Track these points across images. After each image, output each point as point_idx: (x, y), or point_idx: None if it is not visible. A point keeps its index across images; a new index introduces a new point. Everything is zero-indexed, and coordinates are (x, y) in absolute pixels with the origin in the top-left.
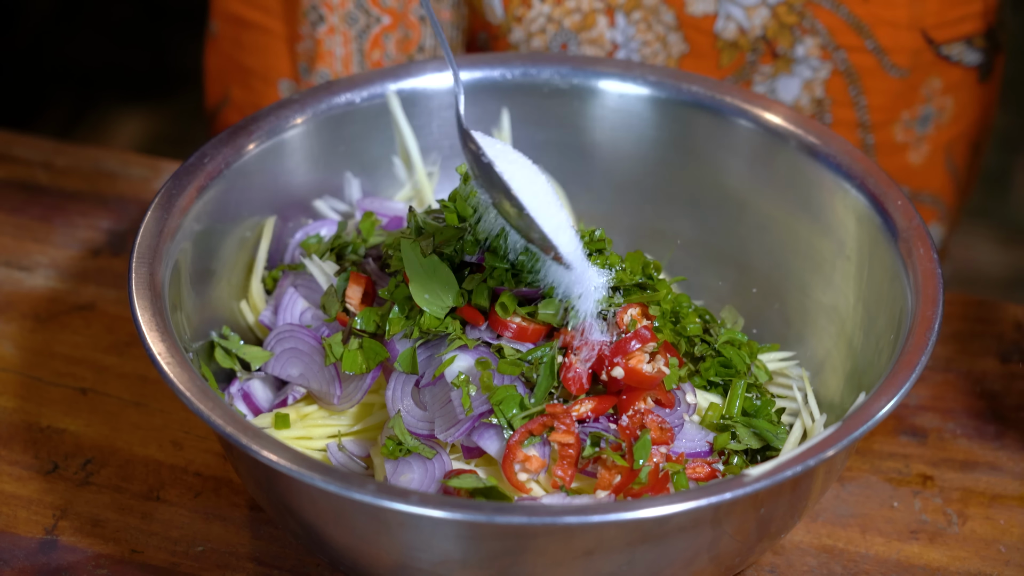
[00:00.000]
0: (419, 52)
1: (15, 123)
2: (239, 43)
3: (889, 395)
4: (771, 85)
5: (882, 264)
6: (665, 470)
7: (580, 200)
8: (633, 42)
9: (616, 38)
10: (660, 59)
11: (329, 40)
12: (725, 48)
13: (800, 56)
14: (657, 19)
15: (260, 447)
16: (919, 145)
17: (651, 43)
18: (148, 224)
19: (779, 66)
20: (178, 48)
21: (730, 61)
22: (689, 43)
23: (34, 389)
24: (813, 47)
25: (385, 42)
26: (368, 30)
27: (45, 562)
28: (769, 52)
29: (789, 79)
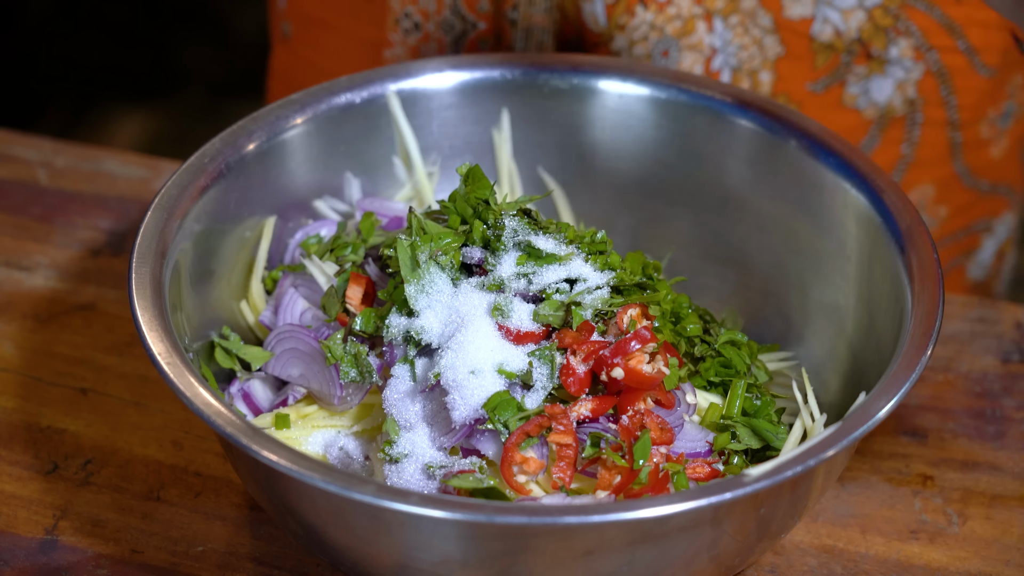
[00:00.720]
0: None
1: (15, 123)
2: (317, 44)
3: (889, 395)
4: (864, 86)
5: (882, 264)
6: (665, 470)
7: (580, 200)
8: (731, 46)
9: (715, 43)
10: (756, 62)
11: (424, 47)
12: (820, 50)
13: (894, 57)
14: (754, 23)
15: (260, 447)
16: (1000, 139)
17: (747, 46)
18: (148, 224)
19: (872, 67)
20: (178, 48)
21: (825, 62)
22: (785, 45)
23: (34, 389)
24: (907, 48)
25: (480, 47)
26: (464, 36)
27: (45, 562)
28: (863, 53)
29: (882, 80)
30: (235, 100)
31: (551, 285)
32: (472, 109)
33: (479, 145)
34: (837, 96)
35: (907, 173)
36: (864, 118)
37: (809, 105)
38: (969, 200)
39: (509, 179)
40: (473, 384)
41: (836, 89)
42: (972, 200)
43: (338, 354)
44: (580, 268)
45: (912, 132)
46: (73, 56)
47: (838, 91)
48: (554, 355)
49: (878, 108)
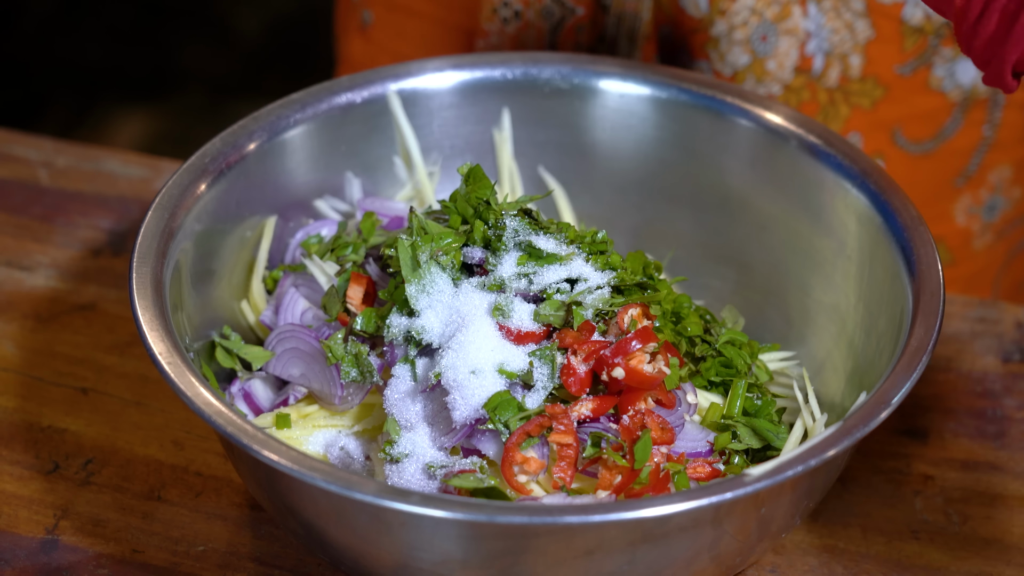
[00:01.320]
0: (600, 43)
1: (16, 122)
2: (401, 32)
3: (890, 395)
4: (950, 68)
5: (883, 264)
6: (666, 470)
7: (581, 200)
8: (823, 30)
9: (809, 27)
10: (847, 45)
11: (524, 36)
12: (909, 33)
13: None
14: (847, 7)
15: (261, 447)
16: None
17: (839, 30)
18: (149, 224)
19: (959, 50)
20: (179, 48)
21: (913, 45)
22: (875, 29)
23: (35, 389)
24: None
25: (577, 34)
26: (563, 23)
27: (46, 562)
28: (951, 36)
29: (967, 62)
30: (236, 100)
31: (552, 285)
32: (473, 109)
33: (480, 145)
34: (924, 78)
35: (987, 154)
36: (949, 100)
37: (896, 88)
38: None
39: (510, 179)
40: (474, 384)
41: (923, 71)
42: None
43: (339, 354)
44: (581, 268)
45: (994, 114)
46: (74, 56)
47: (924, 73)
48: (555, 355)
49: (963, 90)
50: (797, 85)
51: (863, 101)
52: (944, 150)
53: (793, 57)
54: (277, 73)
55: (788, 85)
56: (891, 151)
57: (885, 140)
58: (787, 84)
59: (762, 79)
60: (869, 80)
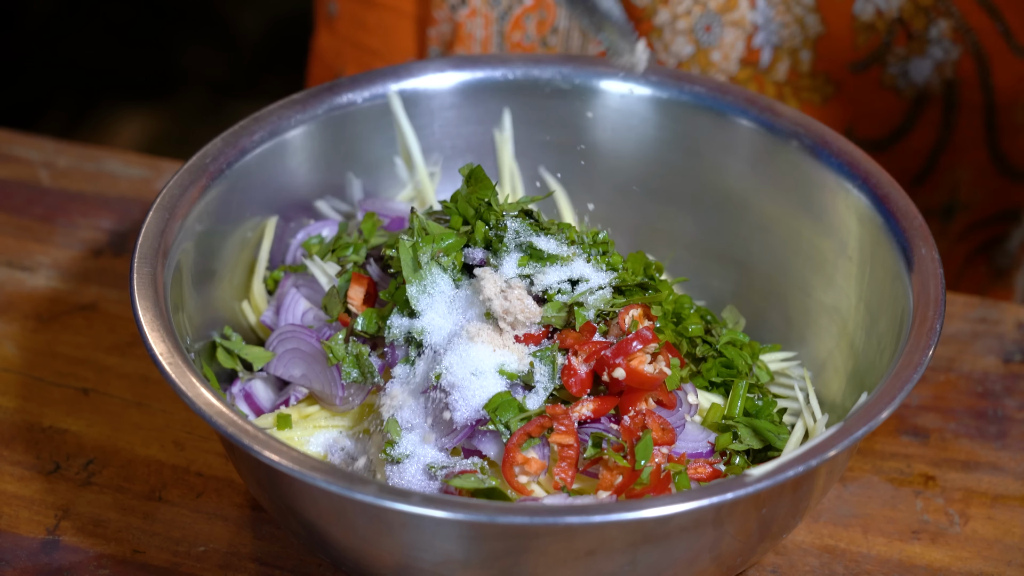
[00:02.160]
0: (552, 34)
1: (17, 123)
2: (362, 23)
3: (891, 395)
4: (903, 67)
5: (884, 264)
6: (667, 470)
7: (582, 200)
8: (772, 23)
9: (757, 20)
10: (797, 41)
11: (470, 23)
12: (861, 30)
13: (933, 38)
14: (796, 1)
15: (262, 447)
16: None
17: (789, 24)
18: (150, 224)
19: (912, 48)
20: (180, 48)
21: (865, 42)
22: (826, 25)
23: (36, 389)
24: (946, 29)
25: (526, 23)
26: (510, 11)
27: (47, 562)
28: (904, 34)
29: (921, 61)
30: (237, 100)
31: (553, 286)
32: (474, 109)
33: (481, 145)
34: (876, 77)
35: (943, 156)
36: (903, 99)
37: (848, 85)
38: (1001, 186)
39: (511, 179)
40: (474, 385)
41: (876, 70)
42: (1004, 186)
43: (340, 354)
44: (582, 269)
45: (949, 115)
46: (75, 56)
47: (878, 72)
48: (555, 356)
49: (916, 89)
50: (744, 78)
51: (814, 97)
52: (898, 150)
53: (739, 49)
54: (278, 73)
55: (734, 77)
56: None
57: None
58: (733, 76)
59: (707, 70)
60: (820, 76)
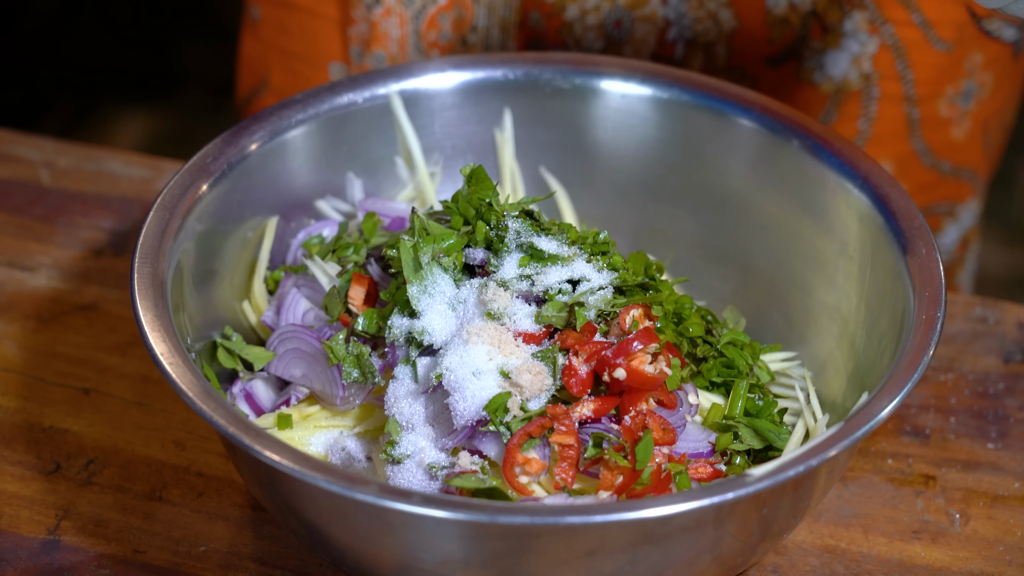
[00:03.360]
0: (472, 32)
1: (17, 123)
2: (284, 27)
3: (891, 395)
4: (819, 60)
5: (884, 264)
6: (667, 470)
7: (582, 201)
8: (685, 19)
9: (668, 15)
10: (711, 35)
11: (385, 22)
12: (775, 24)
13: (849, 30)
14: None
15: (263, 447)
16: (962, 121)
17: (702, 19)
18: (150, 224)
19: (828, 41)
20: (180, 48)
21: (780, 36)
22: (740, 19)
23: (36, 389)
24: (861, 21)
25: (441, 22)
26: (424, 11)
27: (48, 562)
28: (818, 27)
29: (838, 54)
30: None
31: (554, 286)
32: (474, 109)
33: (481, 145)
34: (793, 71)
35: (865, 149)
36: (820, 93)
37: (765, 80)
38: (929, 180)
39: (511, 179)
40: (475, 385)
41: (792, 64)
42: (933, 180)
43: (340, 354)
44: (583, 269)
45: (869, 107)
46: (75, 56)
47: (794, 66)
48: (556, 356)
49: (834, 83)
50: None
51: None
52: None
53: (651, 44)
54: None
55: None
56: None
57: None
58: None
59: None
60: (736, 71)
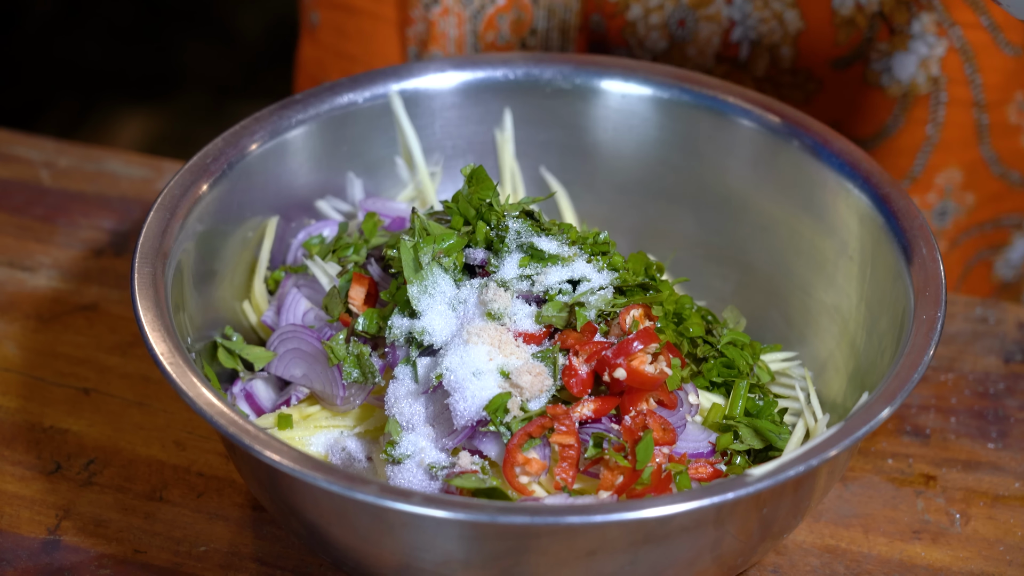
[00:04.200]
0: (531, 35)
1: (18, 123)
2: (343, 31)
3: (892, 395)
4: (887, 63)
5: (885, 264)
6: (668, 470)
7: (583, 200)
8: (750, 19)
9: (733, 15)
10: (776, 37)
11: (443, 21)
12: (842, 25)
13: (916, 32)
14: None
15: (263, 447)
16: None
17: (768, 20)
18: (151, 224)
19: (895, 43)
20: (181, 48)
21: (847, 38)
22: (805, 20)
23: (37, 389)
24: (929, 23)
25: (499, 23)
26: (483, 11)
27: (48, 562)
28: (886, 29)
29: (905, 56)
30: (238, 100)
31: (554, 286)
32: (475, 109)
33: (481, 145)
34: (860, 74)
35: (933, 155)
36: (888, 97)
37: (831, 83)
38: (998, 190)
39: (512, 179)
40: (475, 385)
41: (858, 66)
42: (1001, 190)
43: (341, 354)
44: (583, 269)
45: (937, 112)
46: (75, 57)
47: (860, 68)
48: (556, 356)
49: (901, 86)
50: (721, 73)
51: (796, 94)
52: (885, 149)
53: (715, 44)
54: (278, 73)
55: (711, 73)
56: None
57: None
58: (710, 72)
59: (682, 66)
60: (801, 73)
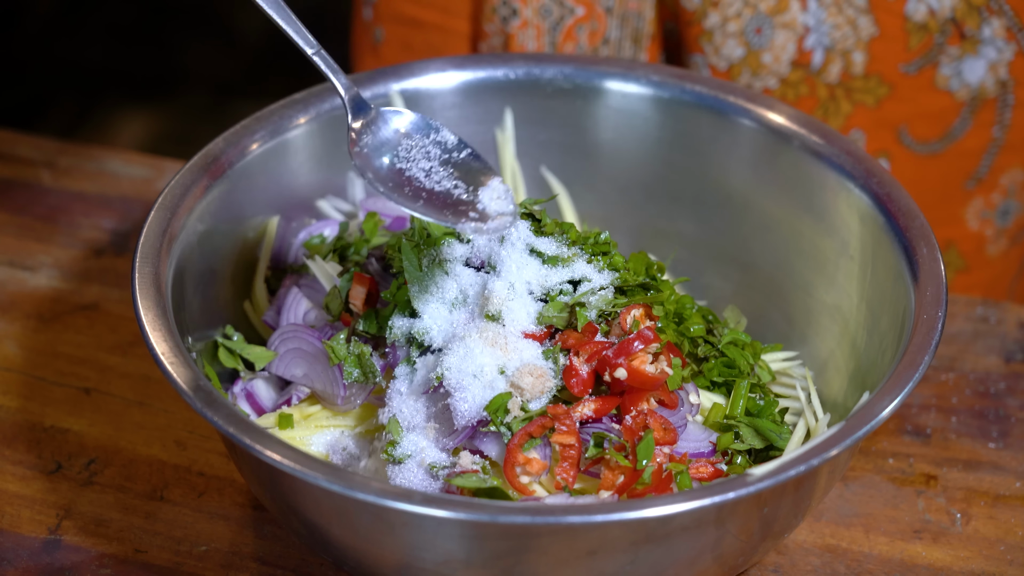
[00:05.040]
0: (604, 45)
1: (19, 123)
2: (410, 47)
3: (892, 395)
4: (957, 67)
5: (885, 264)
6: (668, 470)
7: (584, 200)
8: (824, 25)
9: (808, 22)
10: (850, 42)
11: (522, 35)
12: (914, 30)
13: (987, 37)
14: (848, 3)
15: (264, 447)
16: None
17: (841, 26)
18: (151, 224)
19: (965, 47)
20: (182, 48)
21: (919, 43)
22: (879, 25)
23: (38, 389)
24: (999, 28)
25: (578, 34)
26: (562, 22)
27: (49, 562)
28: (957, 33)
29: (975, 60)
30: (239, 100)
31: (555, 286)
32: (475, 109)
33: (482, 145)
34: (930, 78)
35: (998, 156)
36: (956, 100)
37: (901, 87)
38: None
39: (512, 179)
40: (476, 386)
41: (929, 70)
42: None
43: (341, 354)
44: (584, 269)
45: (1004, 114)
46: (76, 56)
47: (931, 72)
48: (557, 356)
49: (970, 90)
50: (795, 79)
51: (867, 99)
52: (953, 151)
53: (790, 51)
54: (280, 73)
55: (785, 79)
56: (897, 150)
57: (890, 139)
58: (784, 78)
59: (758, 72)
60: (873, 78)
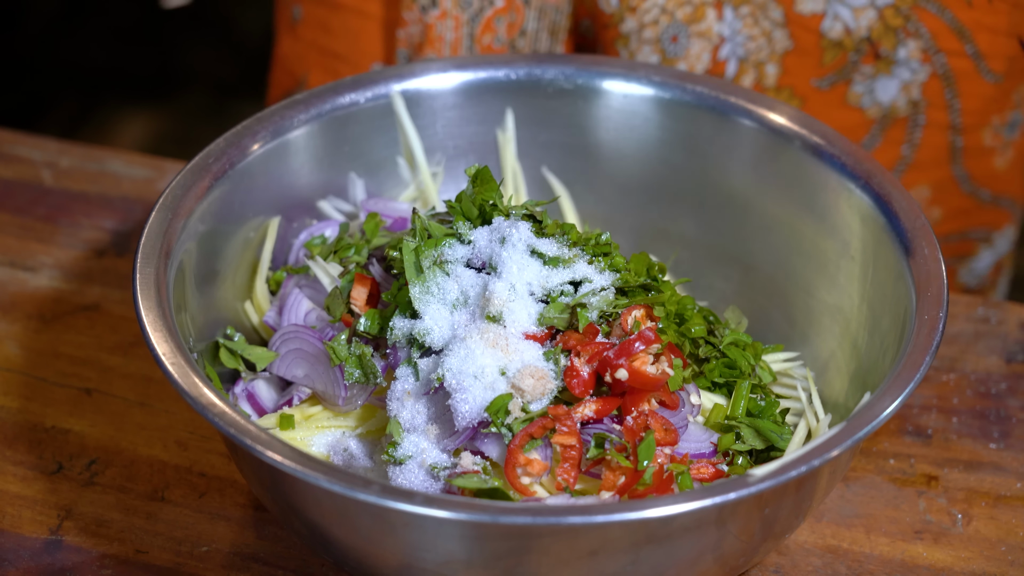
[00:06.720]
0: (521, 36)
1: (20, 123)
2: (326, 26)
3: (894, 395)
4: (870, 85)
5: (886, 264)
6: (669, 471)
7: (584, 201)
8: (739, 36)
9: (723, 31)
10: (764, 54)
11: (440, 25)
12: (829, 47)
13: (902, 58)
14: (765, 15)
15: (265, 448)
16: (1005, 150)
17: (756, 38)
18: (152, 225)
19: (880, 67)
20: (183, 48)
21: (832, 60)
22: (794, 40)
23: (38, 389)
24: (915, 50)
25: (497, 25)
26: (481, 13)
27: (50, 562)
28: (872, 53)
29: (888, 80)
30: (240, 100)
31: (556, 287)
32: (476, 109)
33: (483, 145)
34: (841, 94)
35: (905, 174)
36: (867, 117)
37: (813, 101)
38: (966, 206)
39: (513, 179)
40: (476, 387)
41: (841, 87)
42: (970, 207)
43: (342, 355)
44: (585, 270)
45: (913, 134)
46: (77, 57)
47: (843, 89)
48: (558, 357)
49: (881, 108)
50: None
51: None
52: None
53: (705, 60)
54: None
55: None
56: None
57: None
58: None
59: None
60: (784, 91)
